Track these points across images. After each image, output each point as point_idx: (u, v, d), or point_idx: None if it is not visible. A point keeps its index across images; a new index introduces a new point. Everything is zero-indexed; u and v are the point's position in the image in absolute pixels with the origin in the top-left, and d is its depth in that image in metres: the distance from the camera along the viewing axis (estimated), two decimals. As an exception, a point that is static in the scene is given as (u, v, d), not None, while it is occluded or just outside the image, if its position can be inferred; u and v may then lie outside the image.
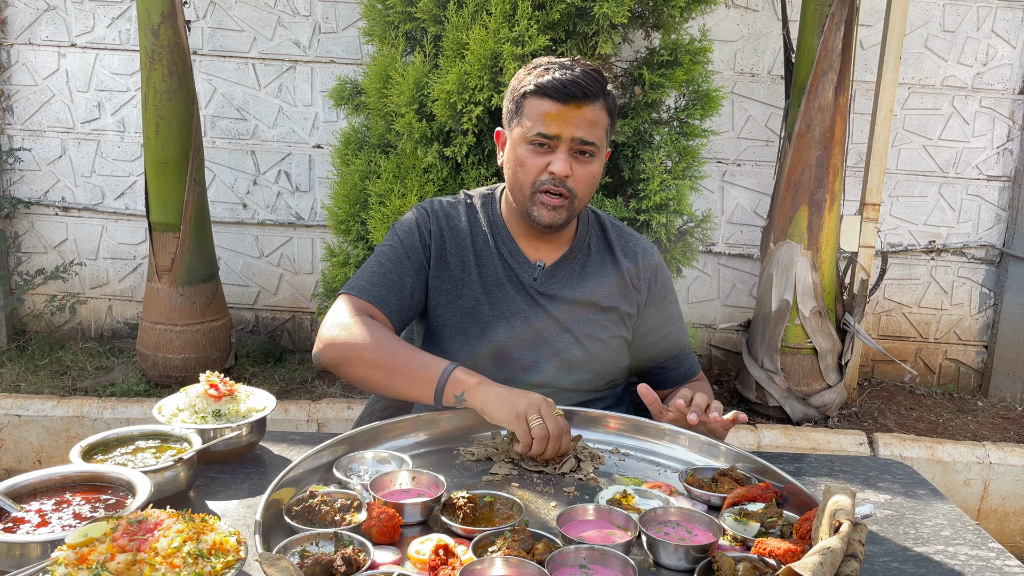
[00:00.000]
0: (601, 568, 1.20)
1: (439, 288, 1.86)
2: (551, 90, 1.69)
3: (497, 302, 1.85)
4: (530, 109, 1.73)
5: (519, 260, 1.86)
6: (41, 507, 1.21)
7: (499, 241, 1.87)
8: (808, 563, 1.04)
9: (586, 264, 1.90)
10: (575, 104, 1.69)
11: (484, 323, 1.84)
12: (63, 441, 3.45)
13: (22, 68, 4.42)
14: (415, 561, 1.22)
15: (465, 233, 1.88)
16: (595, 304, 1.87)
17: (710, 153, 4.34)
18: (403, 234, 1.87)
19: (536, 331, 1.84)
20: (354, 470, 1.48)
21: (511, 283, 1.86)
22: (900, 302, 4.62)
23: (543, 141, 1.72)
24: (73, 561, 0.99)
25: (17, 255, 4.59)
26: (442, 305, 1.87)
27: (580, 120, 1.70)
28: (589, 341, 1.86)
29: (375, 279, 1.81)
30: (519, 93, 1.76)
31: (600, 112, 1.73)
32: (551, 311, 1.85)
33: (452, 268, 1.86)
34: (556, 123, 1.70)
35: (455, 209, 1.91)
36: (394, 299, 1.80)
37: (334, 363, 1.72)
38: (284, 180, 4.50)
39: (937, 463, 3.41)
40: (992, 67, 4.38)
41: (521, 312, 1.85)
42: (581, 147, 1.73)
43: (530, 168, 1.74)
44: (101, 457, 1.40)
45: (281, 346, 4.63)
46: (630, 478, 1.56)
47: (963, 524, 1.47)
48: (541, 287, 1.85)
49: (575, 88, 1.68)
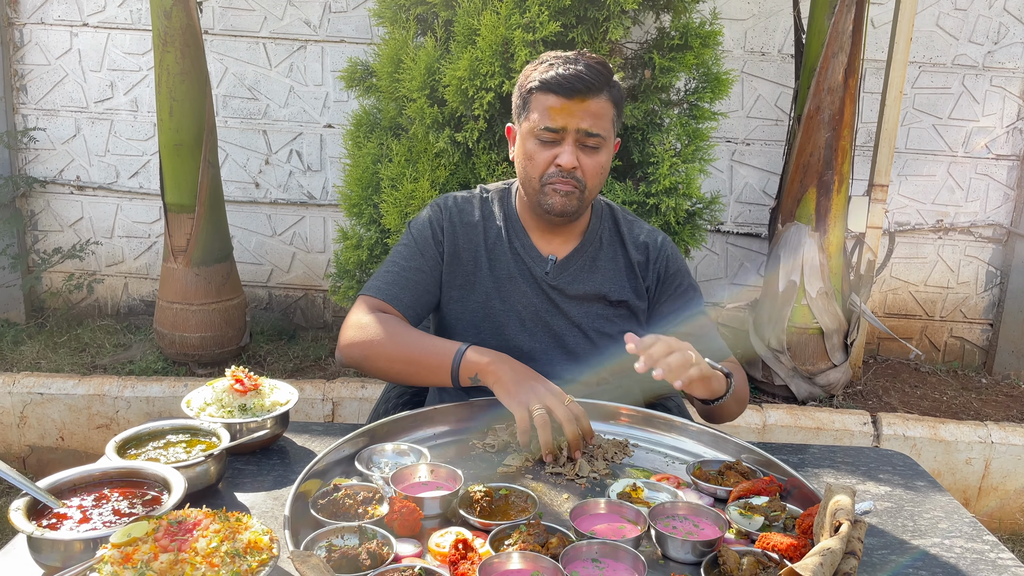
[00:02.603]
0: (612, 562, 1.26)
1: (452, 283, 1.92)
2: (555, 85, 1.74)
3: (508, 296, 1.90)
4: (536, 104, 1.78)
5: (531, 254, 1.91)
6: (82, 503, 1.27)
7: (512, 235, 1.92)
8: (808, 564, 1.10)
9: (597, 257, 1.93)
10: (579, 98, 1.74)
11: (495, 316, 1.90)
12: (85, 419, 3.54)
13: (35, 48, 4.45)
14: (435, 553, 1.29)
15: (478, 228, 1.93)
16: (604, 298, 1.92)
17: (719, 133, 4.36)
18: (417, 232, 1.93)
19: (546, 325, 1.89)
20: (375, 462, 1.55)
21: (523, 277, 1.90)
22: (907, 280, 4.66)
23: (549, 136, 1.76)
24: (119, 560, 1.05)
25: (34, 233, 4.66)
26: (455, 299, 1.92)
27: (584, 113, 1.75)
28: (597, 336, 1.91)
29: (389, 278, 1.88)
30: (525, 89, 1.81)
31: (605, 104, 1.77)
32: (561, 305, 1.90)
33: (465, 263, 1.91)
34: (561, 116, 1.75)
35: (469, 204, 1.96)
36: (408, 296, 1.87)
37: (355, 362, 1.80)
38: (296, 159, 4.54)
39: (940, 442, 3.47)
40: (1003, 45, 4.37)
41: (532, 306, 1.90)
42: (587, 139, 1.77)
43: (538, 161, 1.79)
44: (134, 451, 1.47)
45: (295, 323, 4.70)
46: (639, 470, 1.62)
47: (960, 516, 1.53)
48: (552, 281, 1.90)
49: (578, 82, 1.73)
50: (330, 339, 4.50)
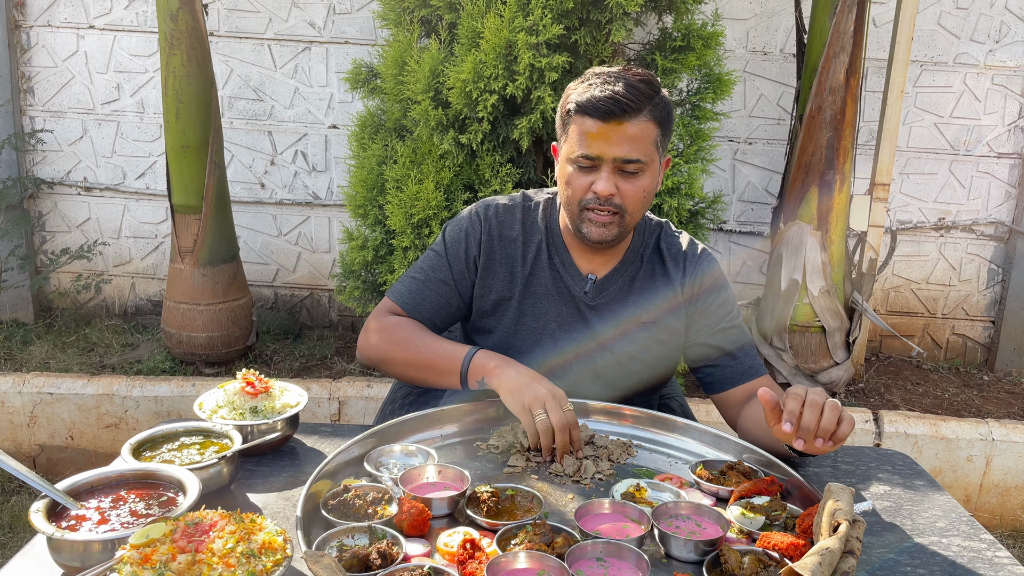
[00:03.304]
0: (616, 561, 1.29)
1: (485, 297, 1.90)
2: (590, 108, 1.68)
3: (542, 313, 1.88)
4: (574, 127, 1.73)
5: (571, 272, 1.88)
6: (100, 504, 1.31)
7: (553, 251, 1.89)
8: (808, 563, 1.13)
9: (635, 277, 1.89)
10: (615, 121, 1.67)
11: (526, 333, 1.89)
12: (94, 418, 3.58)
13: (42, 50, 4.49)
14: (444, 553, 1.32)
15: (518, 243, 1.89)
16: (640, 321, 1.87)
17: (722, 132, 4.38)
18: (451, 242, 1.90)
19: (577, 344, 1.87)
20: (383, 463, 1.58)
21: (560, 295, 1.88)
22: (909, 278, 4.68)
23: (586, 163, 1.72)
24: (138, 561, 1.09)
25: (41, 234, 4.70)
26: (486, 313, 1.91)
27: (621, 138, 1.68)
28: (629, 361, 1.89)
29: (414, 286, 1.89)
30: (564, 110, 1.76)
31: (645, 125, 1.70)
32: (595, 326, 1.87)
33: (500, 277, 1.89)
34: (597, 143, 1.69)
35: (511, 215, 1.91)
36: (427, 307, 1.88)
37: (373, 364, 1.85)
38: (301, 160, 4.57)
39: (941, 440, 3.50)
40: (1005, 44, 4.39)
41: (565, 324, 1.88)
42: (625, 165, 1.71)
43: (576, 187, 1.75)
44: (149, 453, 1.50)
45: (300, 323, 4.74)
46: (643, 469, 1.65)
47: (958, 516, 1.56)
48: (591, 300, 1.87)
49: (614, 105, 1.66)
50: (336, 338, 4.54)
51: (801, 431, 1.44)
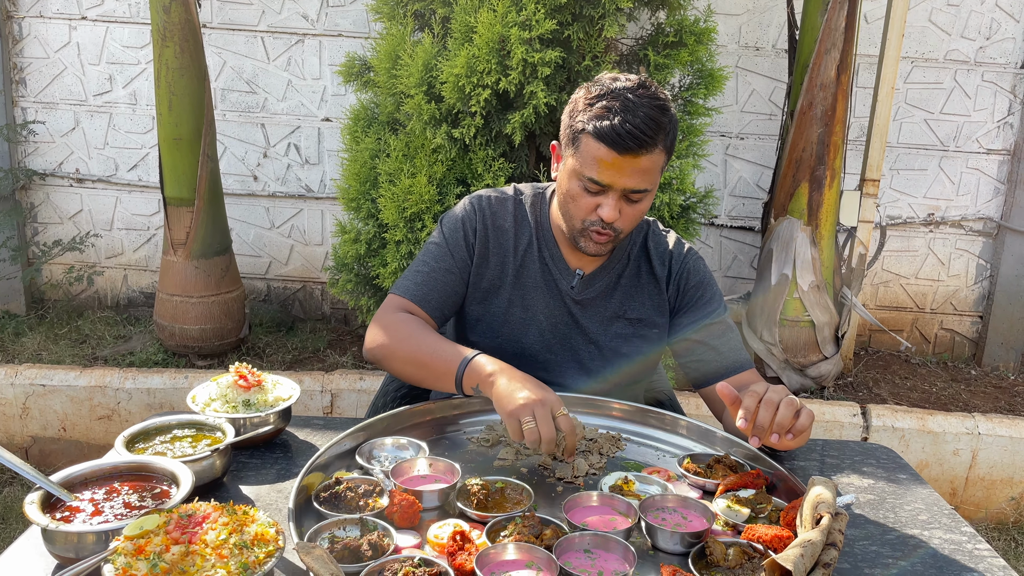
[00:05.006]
0: (604, 552, 1.31)
1: (477, 285, 1.93)
2: (609, 140, 1.66)
3: (531, 305, 1.91)
4: (586, 149, 1.70)
5: (559, 266, 1.91)
6: (93, 496, 1.32)
7: (543, 244, 1.91)
8: (790, 555, 1.15)
9: (622, 274, 1.92)
10: (631, 155, 1.67)
11: (514, 324, 1.91)
12: (86, 410, 3.59)
13: (34, 41, 4.47)
14: (434, 544, 1.34)
15: (509, 233, 1.92)
16: (624, 316, 1.91)
17: (714, 127, 4.40)
18: (449, 232, 1.92)
19: (563, 337, 1.91)
20: (375, 456, 1.60)
21: (548, 288, 1.91)
22: (898, 273, 4.71)
23: (595, 188, 1.72)
24: (131, 552, 1.10)
25: (33, 225, 4.70)
26: (477, 301, 1.93)
27: (634, 170, 1.69)
28: (612, 355, 1.92)
29: (419, 279, 1.89)
30: (577, 127, 1.72)
31: (657, 156, 1.71)
32: (581, 320, 1.91)
33: (492, 267, 1.92)
34: (610, 172, 1.69)
35: (503, 207, 1.94)
36: (436, 297, 1.89)
37: (377, 361, 1.85)
38: (294, 153, 4.58)
39: (928, 434, 3.54)
40: (995, 41, 4.41)
41: (552, 317, 1.91)
42: (632, 194, 1.72)
43: (581, 206, 1.75)
44: (142, 445, 1.52)
45: (293, 315, 4.75)
46: (631, 462, 1.67)
47: (939, 509, 1.59)
48: (577, 295, 1.90)
49: (632, 141, 1.65)
50: (328, 331, 4.55)
51: (756, 428, 1.50)
